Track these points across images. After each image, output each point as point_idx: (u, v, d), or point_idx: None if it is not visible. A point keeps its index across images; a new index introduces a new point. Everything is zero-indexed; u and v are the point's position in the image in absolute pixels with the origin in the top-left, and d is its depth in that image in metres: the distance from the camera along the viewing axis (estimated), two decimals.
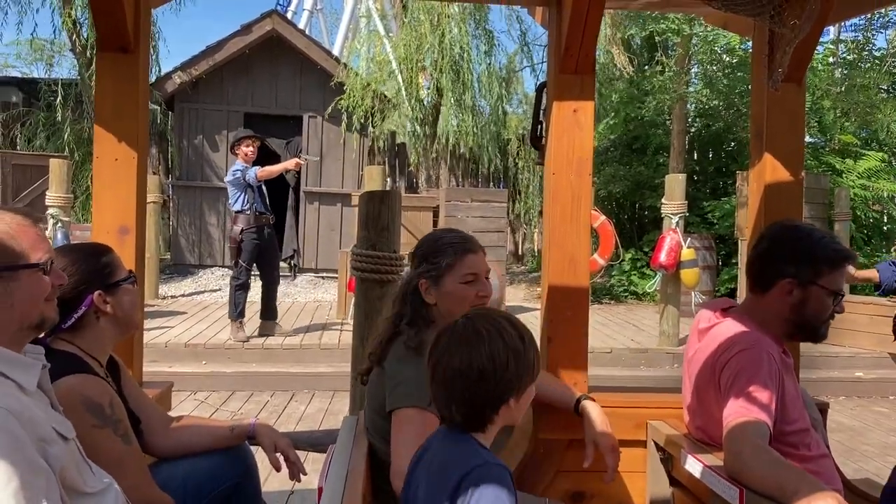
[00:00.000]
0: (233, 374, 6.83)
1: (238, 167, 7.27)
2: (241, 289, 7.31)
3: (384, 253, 2.96)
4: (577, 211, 2.52)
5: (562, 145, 2.52)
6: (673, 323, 7.91)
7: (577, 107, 2.50)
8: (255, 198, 7.28)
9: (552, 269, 2.53)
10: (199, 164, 11.99)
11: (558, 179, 2.53)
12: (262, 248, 7.32)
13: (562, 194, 2.53)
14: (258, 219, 7.25)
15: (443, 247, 2.05)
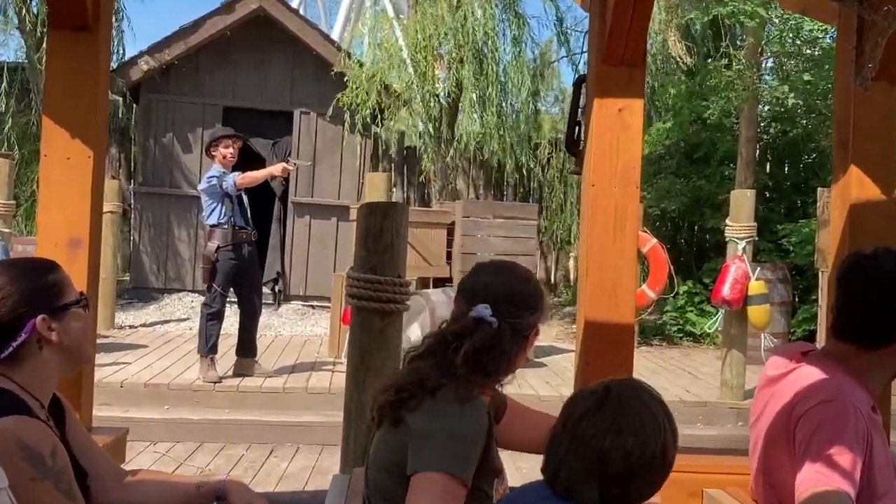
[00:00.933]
0: (201, 421, 6.82)
1: (214, 172, 7.33)
2: (213, 318, 7.34)
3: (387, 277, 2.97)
4: (622, 231, 2.52)
5: (603, 151, 2.53)
6: (738, 371, 7.85)
7: (623, 105, 2.51)
8: (233, 209, 7.32)
9: (590, 302, 2.53)
10: (168, 167, 12.10)
11: (598, 192, 2.54)
12: (240, 270, 7.35)
13: (602, 210, 2.53)
14: (237, 234, 7.30)
15: (537, 296, 2.10)
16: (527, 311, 2.07)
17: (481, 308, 2.00)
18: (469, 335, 1.97)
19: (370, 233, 2.98)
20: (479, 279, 2.10)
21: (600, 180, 2.55)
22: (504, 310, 2.03)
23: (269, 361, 8.35)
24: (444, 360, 1.97)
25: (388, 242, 2.98)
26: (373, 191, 7.86)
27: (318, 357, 8.89)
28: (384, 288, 2.98)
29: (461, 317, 2.03)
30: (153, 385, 7.28)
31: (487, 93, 12.04)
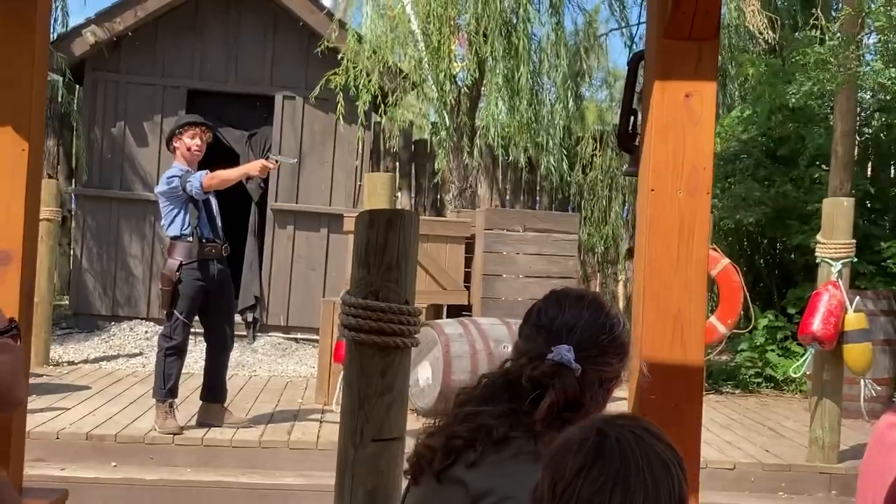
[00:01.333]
0: (157, 483, 6.84)
1: (175, 171, 7.37)
2: (173, 354, 7.37)
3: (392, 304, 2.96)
4: (688, 248, 2.51)
5: (666, 147, 2.52)
6: (831, 427, 7.80)
7: (690, 89, 2.50)
8: (199, 217, 7.36)
9: (647, 338, 2.52)
10: (118, 164, 12.19)
11: (659, 199, 2.53)
12: (208, 294, 7.39)
13: (664, 222, 2.52)
14: (204, 248, 7.33)
15: (626, 340, 2.16)
16: (615, 358, 2.12)
17: (564, 350, 2.03)
18: (550, 383, 2.00)
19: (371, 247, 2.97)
20: (561, 312, 2.13)
21: (661, 184, 2.53)
22: (591, 354, 2.07)
23: (243, 408, 8.36)
24: (515, 410, 2.00)
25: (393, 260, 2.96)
26: (373, 195, 7.86)
27: (303, 404, 8.90)
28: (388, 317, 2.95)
29: (537, 359, 2.06)
30: (97, 436, 7.30)
31: (517, 74, 12.06)
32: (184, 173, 7.32)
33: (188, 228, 7.33)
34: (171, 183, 7.31)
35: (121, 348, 11.30)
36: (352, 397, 2.98)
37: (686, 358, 2.50)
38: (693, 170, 2.52)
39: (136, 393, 8.91)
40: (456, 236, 9.71)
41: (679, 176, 2.52)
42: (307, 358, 11.36)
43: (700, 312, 2.50)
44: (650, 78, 2.57)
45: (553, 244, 9.26)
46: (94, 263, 12.20)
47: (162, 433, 7.33)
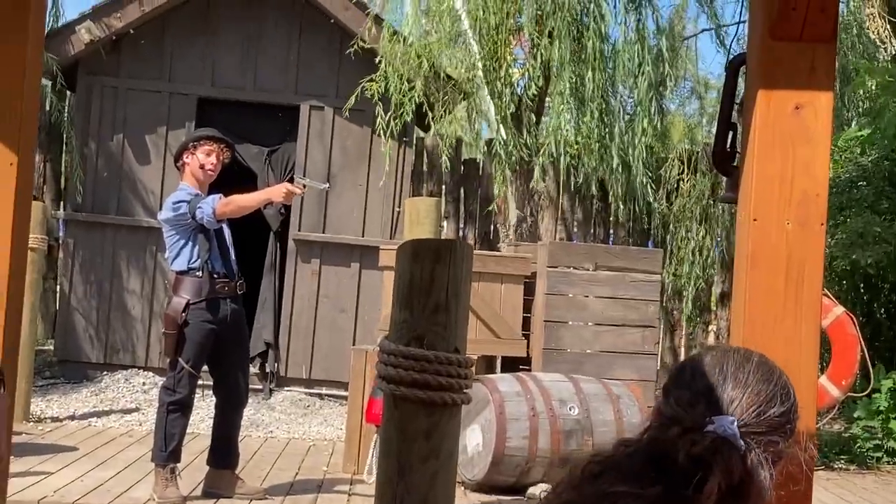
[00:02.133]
0: None
1: (183, 194, 7.42)
2: (177, 410, 7.39)
3: (438, 353, 2.97)
4: (798, 291, 2.50)
5: (772, 169, 2.51)
6: None
7: (802, 100, 2.50)
8: (210, 249, 7.40)
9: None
10: (115, 184, 12.31)
11: (763, 231, 2.52)
12: (219, 339, 7.41)
13: (768, 258, 2.51)
14: (215, 286, 7.37)
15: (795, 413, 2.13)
16: (782, 437, 2.07)
17: (727, 423, 1.99)
18: (712, 461, 1.95)
19: (415, 285, 2.98)
20: (722, 376, 2.10)
21: (766, 213, 2.52)
22: (757, 431, 2.03)
23: (257, 476, 8.35)
24: (673, 496, 1.95)
25: (441, 300, 2.97)
26: (415, 224, 7.90)
27: (329, 472, 8.87)
28: (434, 368, 2.97)
29: (693, 430, 2.00)
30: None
31: (587, 82, 12.06)
32: (193, 197, 7.36)
33: (197, 262, 7.36)
34: (179, 209, 7.35)
35: (114, 402, 11.34)
36: (390, 464, 2.98)
37: None
38: (804, 196, 2.52)
39: (131, 455, 8.91)
40: (513, 275, 9.68)
41: (787, 203, 2.51)
42: (333, 417, 11.34)
43: (811, 369, 2.48)
44: (753, 86, 2.57)
45: (631, 286, 9.20)
46: (84, 301, 12.28)
47: (161, 503, 7.34)
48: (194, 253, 7.36)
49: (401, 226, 11.05)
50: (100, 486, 7.82)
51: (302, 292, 12.26)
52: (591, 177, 13.22)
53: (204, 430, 9.75)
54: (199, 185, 7.47)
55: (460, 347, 3.02)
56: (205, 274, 7.34)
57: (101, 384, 11.83)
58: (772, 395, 2.08)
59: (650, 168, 13.39)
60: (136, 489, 7.74)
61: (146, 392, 11.49)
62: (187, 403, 7.42)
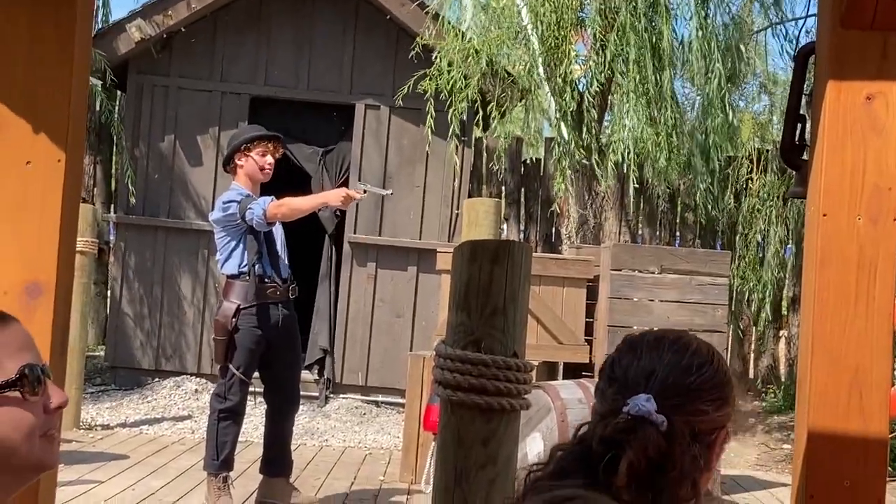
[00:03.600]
0: None
1: (234, 194, 7.47)
2: (229, 418, 7.44)
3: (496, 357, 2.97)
4: (870, 288, 2.48)
5: (842, 162, 2.50)
6: None
7: (873, 90, 2.48)
8: (262, 252, 7.44)
9: (815, 399, 2.49)
10: (167, 185, 12.44)
11: (833, 226, 2.51)
12: (270, 345, 7.47)
13: (839, 255, 2.50)
14: (266, 290, 7.41)
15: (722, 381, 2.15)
16: (710, 404, 2.09)
17: (641, 401, 2.02)
18: (627, 441, 1.97)
19: (472, 287, 2.99)
20: (636, 358, 2.13)
21: (836, 208, 2.50)
22: (677, 403, 2.05)
23: (312, 485, 8.39)
24: (591, 484, 1.97)
25: (499, 303, 2.98)
26: (474, 225, 7.90)
27: (386, 481, 8.90)
28: (492, 372, 2.98)
29: (611, 414, 2.04)
30: None
31: (653, 80, 12.01)
32: (244, 198, 7.38)
33: (247, 266, 7.40)
34: (228, 209, 7.39)
35: (166, 409, 11.45)
36: (447, 471, 2.98)
37: (866, 428, 2.46)
38: (876, 190, 2.50)
39: (183, 464, 9.00)
40: (576, 278, 9.65)
41: (858, 198, 2.50)
42: (390, 425, 11.38)
43: (885, 370, 2.46)
44: (822, 76, 2.55)
45: (698, 289, 9.15)
46: (135, 306, 12.42)
47: None
48: (244, 256, 7.39)
49: (459, 228, 11.04)
50: (151, 494, 7.89)
51: (357, 297, 12.30)
52: (656, 177, 13.14)
53: (257, 438, 9.78)
54: (252, 187, 7.50)
55: (519, 352, 3.02)
56: (254, 278, 7.37)
57: (153, 391, 11.95)
58: (688, 364, 2.09)
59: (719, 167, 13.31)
60: (188, 498, 7.81)
61: (198, 399, 11.58)
62: (239, 411, 7.45)
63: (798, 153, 2.66)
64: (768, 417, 13.21)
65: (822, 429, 2.48)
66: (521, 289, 3.03)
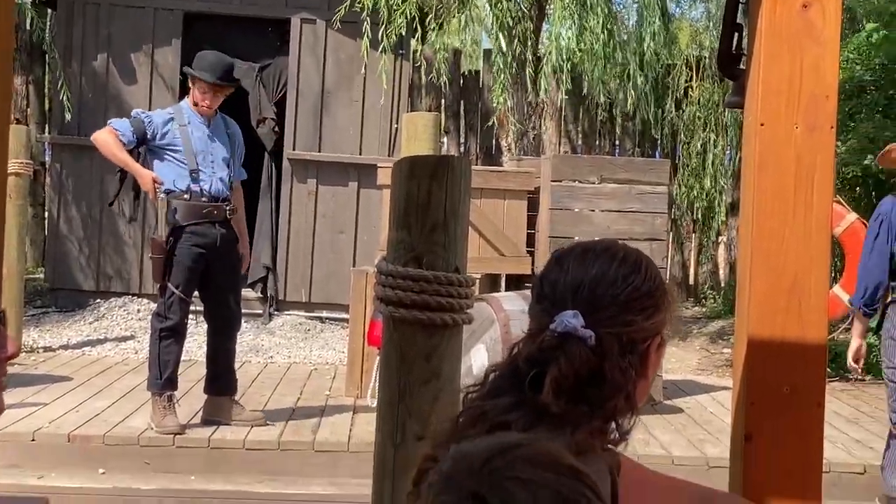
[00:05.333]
0: (154, 493, 6.89)
1: (162, 113, 7.65)
2: (169, 336, 7.43)
3: (437, 272, 2.96)
4: (808, 197, 2.47)
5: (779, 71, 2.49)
6: None
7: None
8: (197, 167, 7.41)
9: (755, 307, 2.50)
10: (102, 104, 12.27)
11: (770, 136, 2.50)
12: (208, 265, 7.45)
13: (776, 164, 2.49)
14: (202, 210, 7.38)
15: (654, 288, 2.11)
16: (639, 314, 2.06)
17: (567, 317, 1.99)
18: (554, 359, 1.96)
19: (412, 203, 2.96)
20: (563, 273, 2.10)
21: (773, 117, 2.49)
22: (605, 315, 2.02)
23: (258, 402, 8.40)
24: (519, 402, 1.96)
25: (439, 219, 2.96)
26: (413, 140, 7.82)
27: (331, 396, 8.95)
28: (434, 288, 2.96)
29: (539, 332, 2.03)
30: (82, 438, 7.36)
31: None
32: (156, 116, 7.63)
33: (183, 183, 7.40)
34: (140, 118, 7.66)
35: (108, 331, 11.41)
36: (390, 387, 2.98)
37: (805, 333, 2.47)
38: (813, 99, 2.49)
39: (127, 384, 8.98)
40: (516, 190, 9.66)
41: (795, 107, 2.48)
42: (335, 341, 11.40)
43: (822, 278, 2.47)
44: None
45: (637, 199, 9.16)
46: (74, 228, 12.30)
47: (160, 433, 7.38)
48: (173, 174, 7.42)
49: (399, 143, 10.98)
50: (96, 416, 7.89)
51: (299, 214, 12.25)
52: (595, 87, 13.14)
53: (201, 356, 9.77)
54: (196, 109, 7.61)
55: (460, 267, 3.01)
56: (190, 196, 7.38)
57: (95, 312, 11.89)
58: (615, 275, 2.07)
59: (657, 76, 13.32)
60: (133, 418, 7.81)
61: (141, 319, 11.53)
62: (179, 329, 7.45)
63: (735, 63, 2.65)
64: (709, 323, 13.38)
65: (762, 335, 2.49)
66: (461, 204, 3.01)
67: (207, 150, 7.53)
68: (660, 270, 2.16)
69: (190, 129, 7.55)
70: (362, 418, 7.96)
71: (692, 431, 8.22)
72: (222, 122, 7.83)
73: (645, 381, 2.09)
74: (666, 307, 2.11)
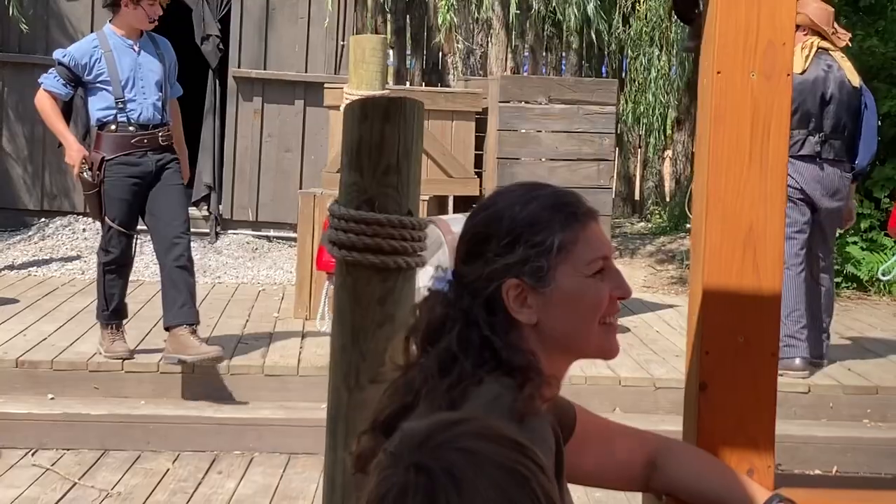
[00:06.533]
0: (104, 419, 6.91)
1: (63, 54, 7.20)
2: (113, 271, 7.23)
3: (391, 216, 2.94)
4: (764, 145, 2.49)
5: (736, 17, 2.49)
6: None
7: None
8: (122, 99, 7.13)
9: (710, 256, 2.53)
10: (43, 21, 12.08)
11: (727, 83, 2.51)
12: (146, 194, 7.22)
13: (733, 112, 2.50)
14: (131, 140, 7.13)
15: (542, 215, 2.07)
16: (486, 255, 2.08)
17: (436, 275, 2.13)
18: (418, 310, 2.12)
19: (365, 146, 2.94)
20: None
21: (730, 65, 2.49)
22: (459, 260, 2.14)
23: (207, 324, 8.36)
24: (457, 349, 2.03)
25: (392, 162, 2.94)
26: (361, 63, 7.77)
27: (280, 318, 8.93)
28: (387, 231, 2.95)
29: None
30: (29, 363, 7.33)
31: None
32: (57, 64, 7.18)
33: (106, 115, 7.12)
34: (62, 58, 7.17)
35: (54, 251, 11.31)
36: (343, 330, 2.98)
37: (760, 284, 2.51)
38: (770, 46, 2.49)
39: (75, 307, 8.94)
40: (464, 111, 9.64)
41: (752, 54, 2.49)
42: (283, 260, 11.38)
43: (779, 227, 2.50)
44: None
45: (586, 119, 9.16)
46: (17, 146, 12.16)
47: (109, 358, 7.34)
48: (99, 105, 7.14)
49: (345, 60, 10.88)
50: (43, 340, 7.86)
51: (244, 133, 12.14)
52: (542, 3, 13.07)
53: (148, 277, 9.76)
54: (128, 33, 7.21)
55: (413, 209, 2.99)
56: (118, 127, 7.11)
57: (40, 232, 11.78)
58: (469, 216, 2.18)
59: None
60: (81, 342, 7.78)
61: (87, 239, 11.45)
62: (122, 262, 7.25)
63: (692, 6, 2.64)
64: (654, 239, 13.45)
65: (717, 286, 2.52)
66: (414, 146, 2.99)
67: (137, 76, 7.19)
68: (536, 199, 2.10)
69: (116, 56, 7.16)
70: (312, 342, 7.98)
71: (639, 351, 8.28)
72: (150, 42, 7.42)
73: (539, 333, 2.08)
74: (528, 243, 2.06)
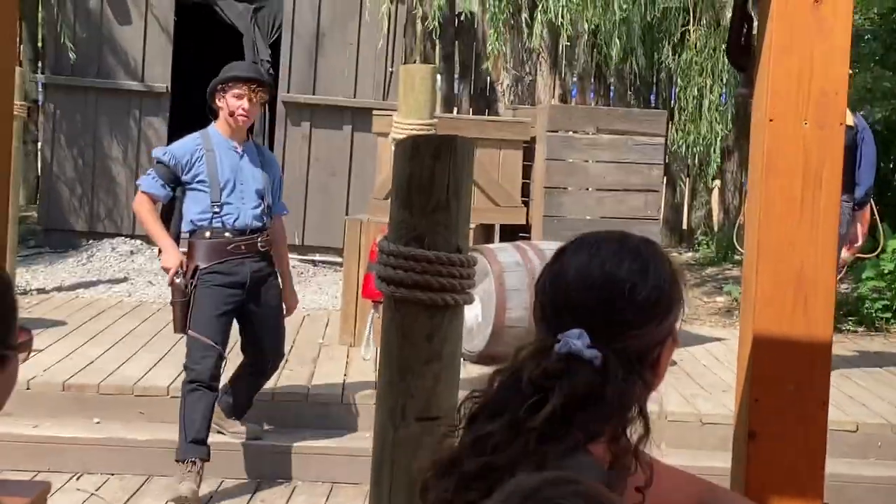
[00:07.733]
0: (150, 443, 6.92)
1: (163, 152, 6.78)
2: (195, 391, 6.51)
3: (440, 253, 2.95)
4: (816, 193, 2.48)
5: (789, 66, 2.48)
6: None
7: None
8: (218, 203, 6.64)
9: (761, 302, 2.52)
10: (97, 44, 12.21)
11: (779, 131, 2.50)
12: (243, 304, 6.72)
13: (785, 159, 2.50)
14: (226, 247, 6.61)
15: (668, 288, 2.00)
16: (648, 323, 1.96)
17: (573, 338, 1.90)
18: (556, 385, 1.87)
19: (415, 183, 2.95)
20: (564, 277, 1.99)
21: (782, 112, 2.49)
22: (610, 332, 1.91)
23: None
24: (514, 422, 1.87)
25: (441, 199, 2.95)
26: (411, 92, 7.76)
27: (325, 345, 8.94)
28: (436, 269, 2.95)
29: (543, 351, 1.93)
30: (76, 387, 7.36)
31: None
32: (157, 163, 6.72)
33: (205, 218, 6.62)
34: (161, 157, 6.72)
35: (101, 272, 11.38)
36: (391, 367, 2.98)
37: (810, 332, 2.49)
38: (822, 95, 2.48)
39: (121, 330, 8.96)
40: (512, 139, 9.64)
41: (805, 102, 2.48)
42: (328, 285, 11.39)
43: (829, 273, 2.48)
44: None
45: (634, 149, 9.16)
46: (66, 168, 12.28)
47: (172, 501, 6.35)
48: (192, 211, 6.64)
49: (394, 86, 10.94)
50: (90, 363, 7.89)
51: (292, 157, 12.22)
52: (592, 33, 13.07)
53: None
54: (231, 132, 6.74)
55: (462, 246, 3.00)
56: (213, 233, 6.62)
57: (87, 253, 11.89)
58: (622, 285, 1.95)
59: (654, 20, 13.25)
60: (127, 366, 7.82)
61: (133, 261, 11.56)
62: (206, 382, 6.47)
63: (745, 54, 2.64)
64: (702, 270, 13.39)
65: (767, 333, 2.50)
66: (463, 183, 3.00)
67: (237, 179, 6.71)
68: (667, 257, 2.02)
69: (217, 156, 6.67)
70: (356, 369, 7.98)
71: (685, 385, 8.23)
72: (255, 149, 7.02)
73: (657, 379, 2.02)
74: (677, 302, 2.00)
